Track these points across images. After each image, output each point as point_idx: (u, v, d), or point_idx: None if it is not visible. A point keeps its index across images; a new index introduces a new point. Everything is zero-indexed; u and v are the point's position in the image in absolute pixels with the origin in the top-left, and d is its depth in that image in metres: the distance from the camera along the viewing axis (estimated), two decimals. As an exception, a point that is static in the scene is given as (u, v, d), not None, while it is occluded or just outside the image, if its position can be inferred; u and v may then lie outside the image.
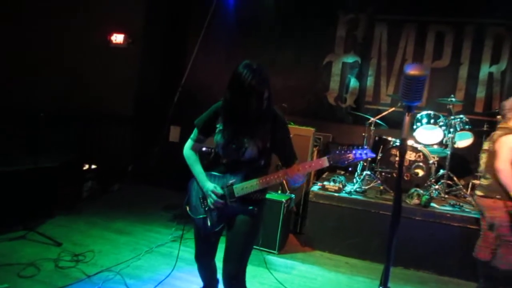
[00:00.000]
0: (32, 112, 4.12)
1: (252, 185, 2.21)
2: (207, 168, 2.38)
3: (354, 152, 2.08)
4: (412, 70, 1.53)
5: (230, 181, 2.26)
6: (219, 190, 2.26)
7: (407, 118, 1.59)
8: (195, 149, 2.42)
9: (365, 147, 2.11)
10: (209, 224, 2.31)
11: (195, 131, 2.41)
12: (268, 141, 2.25)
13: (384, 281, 1.62)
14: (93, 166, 5.66)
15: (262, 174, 2.24)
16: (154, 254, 3.88)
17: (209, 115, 2.34)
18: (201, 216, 2.34)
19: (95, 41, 6.41)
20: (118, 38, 6.45)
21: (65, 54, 6.27)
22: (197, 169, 2.37)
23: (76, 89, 6.30)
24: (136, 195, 5.96)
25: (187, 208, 2.43)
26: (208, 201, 2.31)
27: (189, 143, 2.43)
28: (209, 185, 2.29)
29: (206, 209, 2.33)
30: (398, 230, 1.57)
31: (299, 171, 2.12)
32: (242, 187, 2.23)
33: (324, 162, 2.11)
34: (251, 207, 2.26)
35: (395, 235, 1.61)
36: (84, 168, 5.54)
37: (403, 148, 1.59)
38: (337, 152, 2.10)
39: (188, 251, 3.74)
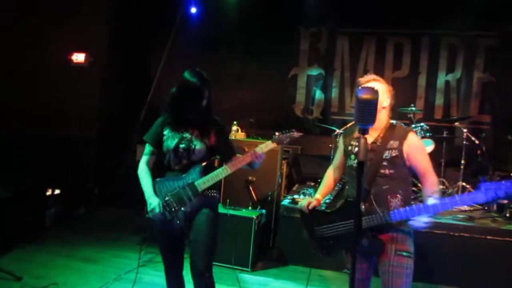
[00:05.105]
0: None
1: (218, 174, 2.41)
2: (162, 175, 2.53)
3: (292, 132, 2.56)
4: (364, 94, 1.53)
5: (190, 180, 2.42)
6: (157, 211, 2.42)
7: (362, 141, 1.55)
8: (149, 163, 2.57)
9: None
10: (177, 222, 2.43)
11: (146, 146, 2.57)
12: (214, 140, 2.49)
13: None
14: (57, 191, 5.41)
15: (213, 171, 2.45)
16: (123, 281, 3.74)
17: (155, 127, 2.57)
18: (168, 219, 2.45)
19: (55, 60, 6.21)
20: (79, 57, 6.28)
21: (24, 75, 6.04)
22: (145, 181, 2.51)
23: (35, 111, 6.07)
24: (102, 219, 5.74)
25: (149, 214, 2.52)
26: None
27: (143, 159, 2.58)
28: (154, 200, 2.44)
29: (173, 210, 2.43)
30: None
31: (255, 153, 2.42)
32: (204, 181, 2.41)
33: (269, 144, 2.50)
34: (213, 195, 2.51)
35: (357, 244, 1.63)
36: (47, 193, 5.30)
37: (360, 172, 1.56)
38: (281, 134, 2.54)
39: (158, 275, 3.63)
